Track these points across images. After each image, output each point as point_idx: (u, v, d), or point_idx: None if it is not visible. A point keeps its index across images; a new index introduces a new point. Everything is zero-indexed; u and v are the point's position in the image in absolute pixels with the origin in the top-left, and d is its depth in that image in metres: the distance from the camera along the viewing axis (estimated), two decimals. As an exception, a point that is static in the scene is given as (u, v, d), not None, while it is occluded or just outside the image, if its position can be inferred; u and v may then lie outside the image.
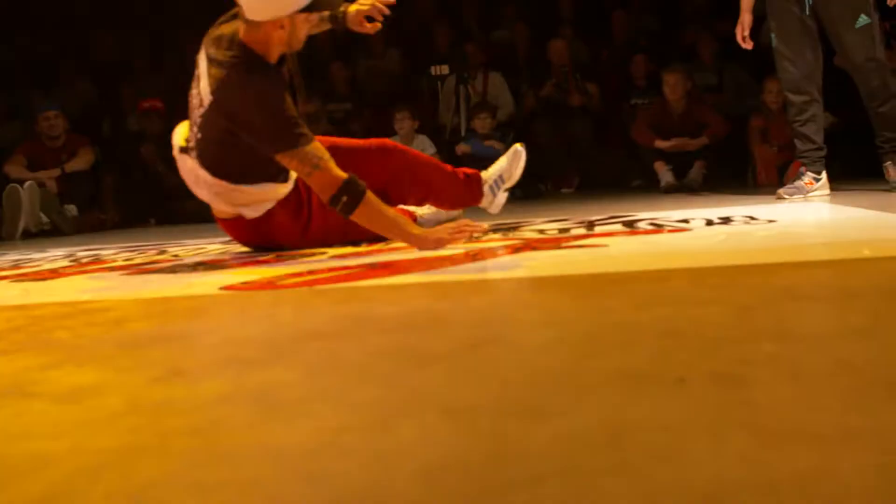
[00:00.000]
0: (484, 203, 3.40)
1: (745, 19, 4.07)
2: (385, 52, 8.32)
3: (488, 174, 3.39)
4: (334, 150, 2.78)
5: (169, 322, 1.66)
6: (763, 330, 1.17)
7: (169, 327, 1.59)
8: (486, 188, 3.36)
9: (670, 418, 0.81)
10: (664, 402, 0.86)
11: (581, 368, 1.04)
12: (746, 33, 4.07)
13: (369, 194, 2.59)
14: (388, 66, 8.28)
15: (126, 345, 1.43)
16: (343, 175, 2.58)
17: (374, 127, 7.44)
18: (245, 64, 2.71)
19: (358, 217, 2.59)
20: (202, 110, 2.80)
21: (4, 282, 2.73)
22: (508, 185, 3.42)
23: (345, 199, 2.56)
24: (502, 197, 3.42)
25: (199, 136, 2.85)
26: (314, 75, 7.99)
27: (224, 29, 2.88)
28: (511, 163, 3.40)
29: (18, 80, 8.77)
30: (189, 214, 6.57)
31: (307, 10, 2.74)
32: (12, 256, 3.93)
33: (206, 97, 2.77)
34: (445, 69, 7.15)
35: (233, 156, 2.81)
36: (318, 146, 2.64)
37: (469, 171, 3.38)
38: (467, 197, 3.37)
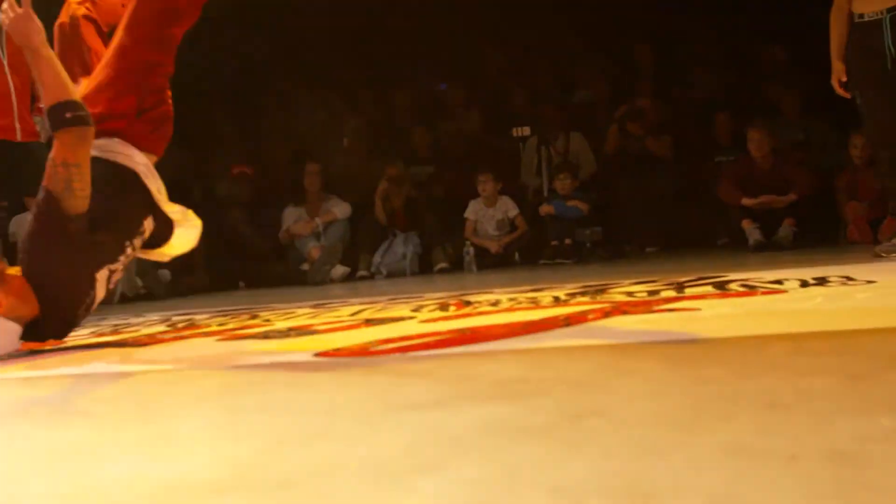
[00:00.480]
0: None
1: (838, 67, 4.03)
2: (465, 114, 8.45)
3: None
4: None
5: (269, 390, 1.69)
6: (878, 402, 1.14)
7: (270, 395, 1.62)
8: None
9: (786, 499, 0.79)
10: (777, 482, 0.84)
11: (686, 443, 1.02)
12: (844, 79, 4.01)
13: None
14: (468, 127, 8.39)
15: (230, 413, 1.46)
16: None
17: (456, 189, 7.53)
18: None
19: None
20: None
21: (107, 348, 2.82)
22: None
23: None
24: None
25: None
26: (397, 139, 8.16)
27: None
28: None
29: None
30: (276, 278, 6.73)
31: None
32: (112, 321, 4.06)
33: None
34: (527, 130, 7.21)
35: None
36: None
37: None
38: None
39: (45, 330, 2.62)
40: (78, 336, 3.39)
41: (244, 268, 6.86)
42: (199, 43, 9.77)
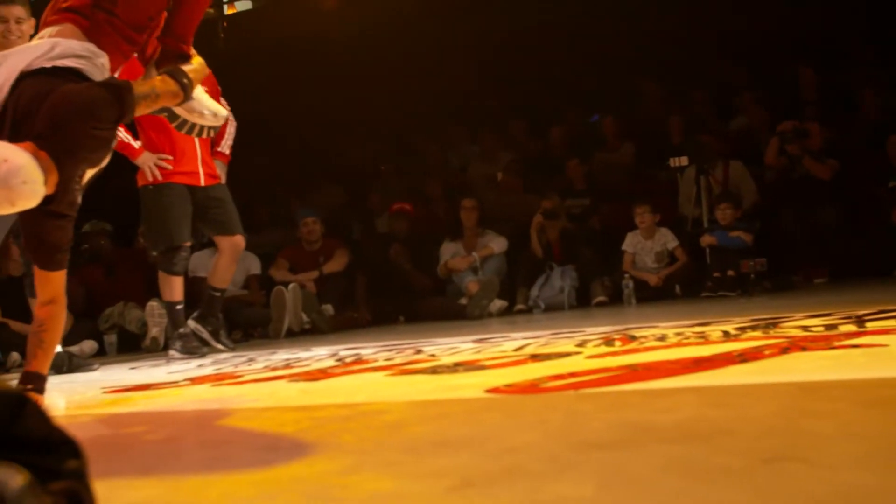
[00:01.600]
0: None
1: None
2: (620, 145, 8.37)
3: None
4: None
5: (446, 427, 1.72)
6: None
7: (447, 432, 1.64)
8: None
9: None
10: None
11: (897, 491, 0.97)
12: None
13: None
14: (623, 159, 8.31)
15: (411, 450, 1.49)
16: None
17: (613, 221, 7.45)
18: None
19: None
20: None
21: (281, 381, 2.94)
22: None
23: None
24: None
25: None
26: (552, 172, 8.16)
27: None
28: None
29: (277, 189, 9.57)
30: (435, 312, 6.83)
31: None
32: (282, 356, 4.22)
33: None
34: (684, 160, 7.05)
35: None
36: None
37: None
38: None
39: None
40: (252, 370, 3.54)
41: (404, 302, 7.00)
42: (357, 81, 10.15)
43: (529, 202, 7.49)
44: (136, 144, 4.85)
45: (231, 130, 5.18)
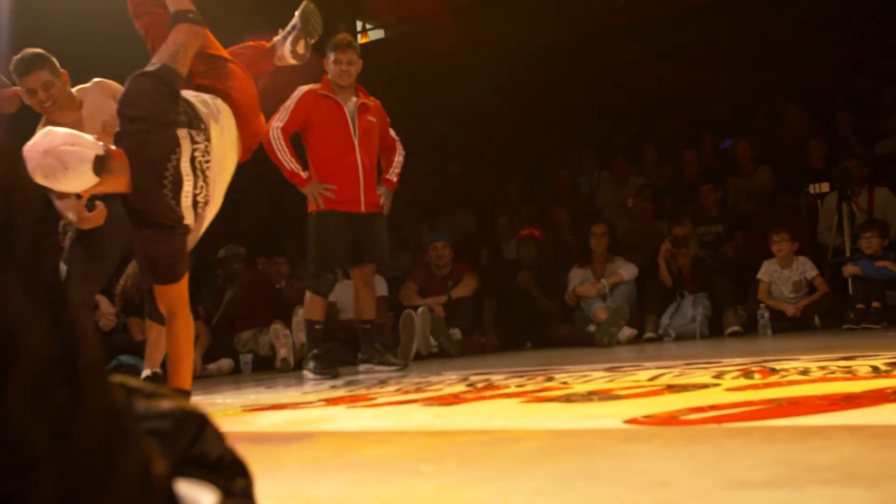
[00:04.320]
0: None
1: None
2: (754, 170, 8.14)
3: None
4: None
5: (591, 457, 1.69)
6: None
7: (591, 463, 1.62)
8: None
9: None
10: None
11: None
12: None
13: None
14: (758, 185, 8.08)
15: (558, 479, 1.47)
16: None
17: (747, 249, 7.24)
18: None
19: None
20: None
21: (415, 405, 2.96)
22: (298, 33, 3.91)
23: None
24: (286, 46, 3.92)
25: None
26: (684, 198, 8.00)
27: None
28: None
29: (407, 213, 9.71)
30: (562, 338, 6.78)
31: None
32: (413, 378, 4.27)
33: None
34: (826, 187, 6.79)
35: None
36: None
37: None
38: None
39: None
40: (384, 392, 3.59)
41: (531, 328, 6.97)
42: (486, 107, 10.23)
43: (661, 229, 7.36)
44: (304, 174, 5.11)
45: (399, 159, 5.43)
